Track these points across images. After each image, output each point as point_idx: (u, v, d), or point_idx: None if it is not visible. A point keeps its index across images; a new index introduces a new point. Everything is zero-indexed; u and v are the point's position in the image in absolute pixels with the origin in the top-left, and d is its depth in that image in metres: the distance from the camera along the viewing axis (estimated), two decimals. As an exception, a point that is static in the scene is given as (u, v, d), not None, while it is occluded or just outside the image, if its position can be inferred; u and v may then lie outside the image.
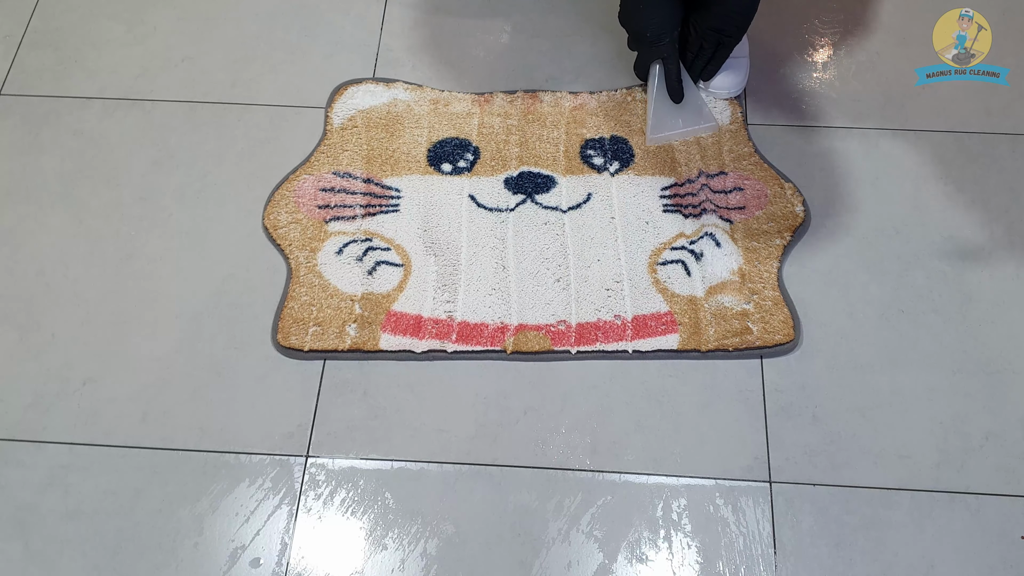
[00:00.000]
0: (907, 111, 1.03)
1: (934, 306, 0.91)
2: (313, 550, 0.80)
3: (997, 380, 0.86)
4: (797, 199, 0.97)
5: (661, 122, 0.99)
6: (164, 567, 0.79)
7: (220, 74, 1.09)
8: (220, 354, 0.89)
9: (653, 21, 0.94)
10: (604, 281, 0.92)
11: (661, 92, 0.99)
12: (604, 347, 0.88)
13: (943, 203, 0.97)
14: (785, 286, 0.92)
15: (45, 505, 0.82)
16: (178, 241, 0.96)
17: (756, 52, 1.06)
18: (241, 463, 0.84)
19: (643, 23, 0.95)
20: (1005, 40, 1.03)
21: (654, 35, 0.95)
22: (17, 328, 0.92)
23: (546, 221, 0.96)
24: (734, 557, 0.79)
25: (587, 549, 0.79)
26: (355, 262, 0.94)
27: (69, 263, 0.95)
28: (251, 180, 1.00)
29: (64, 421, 0.86)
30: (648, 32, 0.95)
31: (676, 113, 0.99)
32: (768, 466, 0.83)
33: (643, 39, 0.97)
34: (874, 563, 0.78)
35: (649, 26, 0.95)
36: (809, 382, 0.87)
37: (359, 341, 0.89)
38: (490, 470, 0.83)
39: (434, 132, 1.02)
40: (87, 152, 1.03)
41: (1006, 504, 0.81)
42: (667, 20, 0.94)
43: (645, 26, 0.95)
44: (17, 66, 1.10)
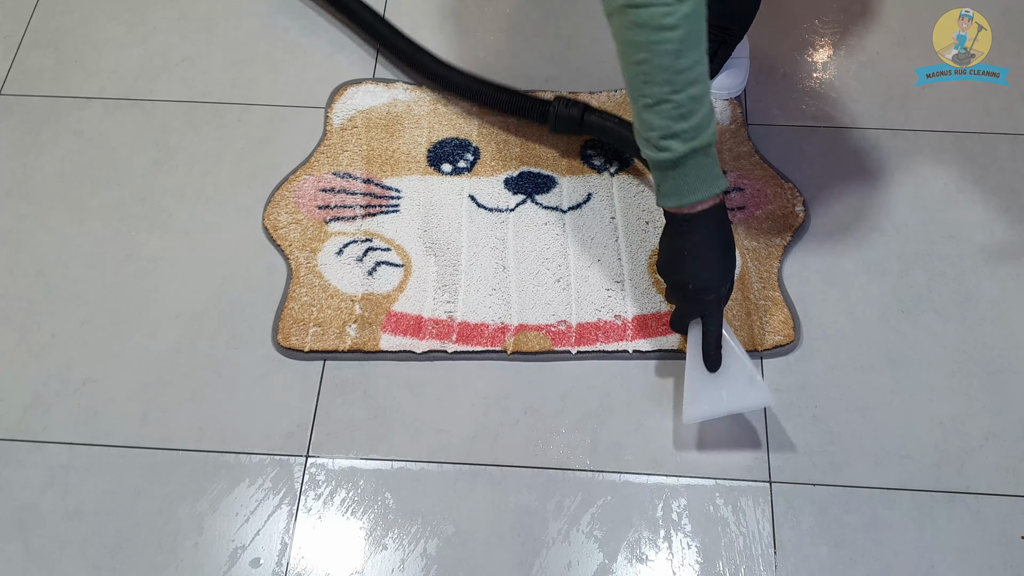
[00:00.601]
0: (907, 111, 1.03)
1: (934, 306, 0.91)
2: (313, 550, 0.80)
3: (997, 380, 0.86)
4: (797, 199, 0.97)
5: (699, 394, 0.80)
6: (164, 567, 0.79)
7: (220, 74, 1.09)
8: (220, 354, 0.89)
9: (700, 273, 0.77)
10: (604, 281, 0.92)
11: (698, 363, 0.81)
12: (604, 347, 0.88)
13: (943, 203, 0.97)
14: (785, 286, 0.92)
15: (45, 505, 0.82)
16: (178, 241, 0.96)
17: (756, 52, 1.06)
18: (241, 463, 0.84)
19: (686, 272, 0.78)
20: (1005, 40, 1.03)
21: (698, 288, 0.78)
22: (17, 328, 0.92)
23: (546, 221, 0.96)
24: (734, 557, 0.79)
25: (587, 549, 0.79)
26: (355, 262, 0.94)
27: (69, 263, 0.95)
28: (251, 180, 1.00)
29: (64, 421, 0.86)
30: (691, 284, 0.78)
31: (719, 384, 0.80)
32: (768, 466, 0.83)
33: (684, 292, 0.79)
34: (874, 563, 0.78)
35: (695, 278, 0.78)
36: (809, 382, 0.87)
37: (359, 341, 0.89)
38: (490, 470, 0.83)
39: (434, 132, 1.02)
40: (87, 152, 1.03)
41: (1006, 504, 0.81)
42: (717, 274, 0.78)
43: (688, 277, 0.78)
44: (17, 66, 1.10)
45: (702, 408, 0.80)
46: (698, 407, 0.80)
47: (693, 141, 0.72)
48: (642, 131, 0.74)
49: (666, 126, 0.71)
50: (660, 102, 0.71)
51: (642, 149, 0.75)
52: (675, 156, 0.72)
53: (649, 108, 0.72)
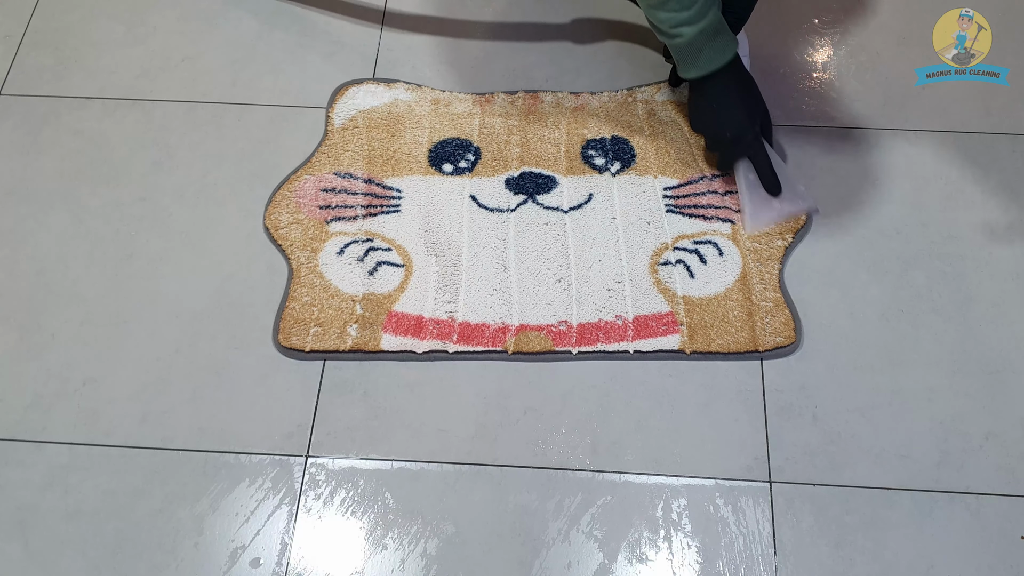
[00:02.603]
0: (907, 111, 1.03)
1: (934, 306, 0.91)
2: (313, 550, 0.80)
3: (997, 380, 0.87)
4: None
5: (758, 212, 0.93)
6: (164, 567, 0.79)
7: (220, 74, 1.09)
8: (220, 354, 0.89)
9: (731, 121, 0.90)
10: (605, 281, 0.92)
11: (753, 186, 0.93)
12: (605, 347, 0.88)
13: (943, 203, 0.97)
14: (786, 287, 0.92)
15: (45, 505, 0.82)
16: (178, 241, 0.96)
17: (756, 52, 1.06)
18: (241, 463, 0.84)
19: (720, 124, 0.91)
20: (1005, 40, 1.03)
21: (734, 134, 0.91)
22: (17, 328, 0.92)
23: (547, 221, 0.96)
24: (734, 557, 0.79)
25: (587, 549, 0.79)
26: (356, 262, 0.94)
27: (69, 263, 0.95)
28: (251, 180, 1.00)
29: (64, 421, 0.86)
30: (728, 133, 0.91)
31: (771, 199, 0.93)
32: (768, 466, 0.83)
33: (723, 140, 0.92)
34: (874, 563, 0.78)
35: (728, 126, 0.91)
36: (809, 382, 0.87)
37: (360, 341, 0.89)
38: (490, 470, 0.83)
39: (435, 132, 1.02)
40: (87, 152, 1.03)
41: (1006, 504, 0.81)
42: (746, 117, 0.90)
43: (722, 127, 0.91)
44: (17, 66, 1.10)
45: (761, 220, 0.94)
46: (758, 220, 0.93)
47: (699, 23, 0.85)
48: (654, 24, 0.87)
49: (672, 18, 0.85)
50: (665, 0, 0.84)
51: (658, 36, 0.89)
52: (687, 39, 0.86)
53: (655, 6, 0.85)
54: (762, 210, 0.93)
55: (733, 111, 0.90)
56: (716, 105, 0.90)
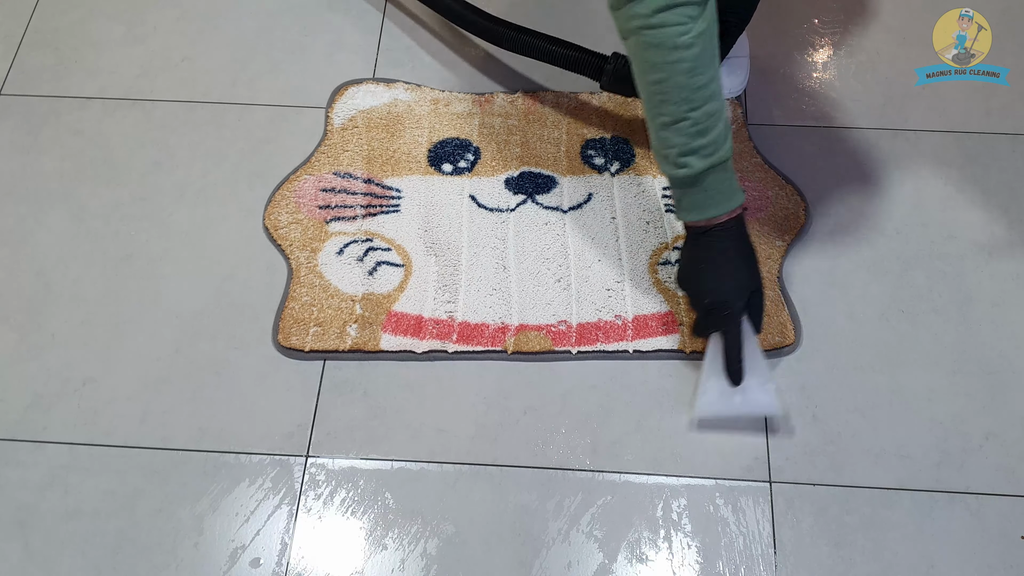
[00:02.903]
0: (907, 111, 1.03)
1: (934, 306, 0.91)
2: (313, 550, 0.80)
3: (997, 380, 0.87)
4: (798, 201, 0.97)
5: (713, 397, 0.81)
6: (164, 567, 0.79)
7: (220, 74, 1.09)
8: (220, 354, 0.89)
9: (717, 287, 0.78)
10: (605, 281, 0.92)
11: (716, 366, 0.81)
12: (605, 347, 0.88)
13: (943, 203, 0.97)
14: (786, 287, 0.92)
15: (45, 505, 0.82)
16: (178, 241, 0.96)
17: (756, 52, 1.06)
18: (241, 463, 0.84)
19: (704, 286, 0.79)
20: (1005, 40, 1.03)
21: (715, 302, 0.78)
22: (17, 328, 0.92)
23: (547, 221, 0.96)
24: (734, 557, 0.79)
25: (587, 549, 0.79)
26: (356, 262, 0.94)
27: (69, 263, 0.95)
28: (251, 180, 1.00)
29: (64, 421, 0.86)
30: (708, 299, 0.79)
31: (732, 391, 0.81)
32: (768, 466, 0.83)
33: (701, 305, 0.80)
34: (874, 563, 0.78)
35: (711, 291, 0.78)
36: (809, 382, 0.87)
37: (360, 341, 0.89)
38: (490, 470, 0.83)
39: (435, 132, 1.02)
40: (87, 152, 1.03)
41: (1006, 504, 0.81)
42: (734, 287, 0.78)
43: (705, 291, 0.79)
44: (17, 66, 1.10)
45: (713, 409, 0.82)
46: (709, 408, 0.82)
47: (711, 157, 0.73)
48: (660, 148, 0.75)
49: (684, 143, 0.72)
50: (678, 120, 0.72)
51: (661, 166, 0.76)
52: (694, 172, 0.73)
53: (667, 127, 0.73)
54: (717, 399, 0.81)
55: (722, 276, 0.78)
56: (705, 265, 0.79)
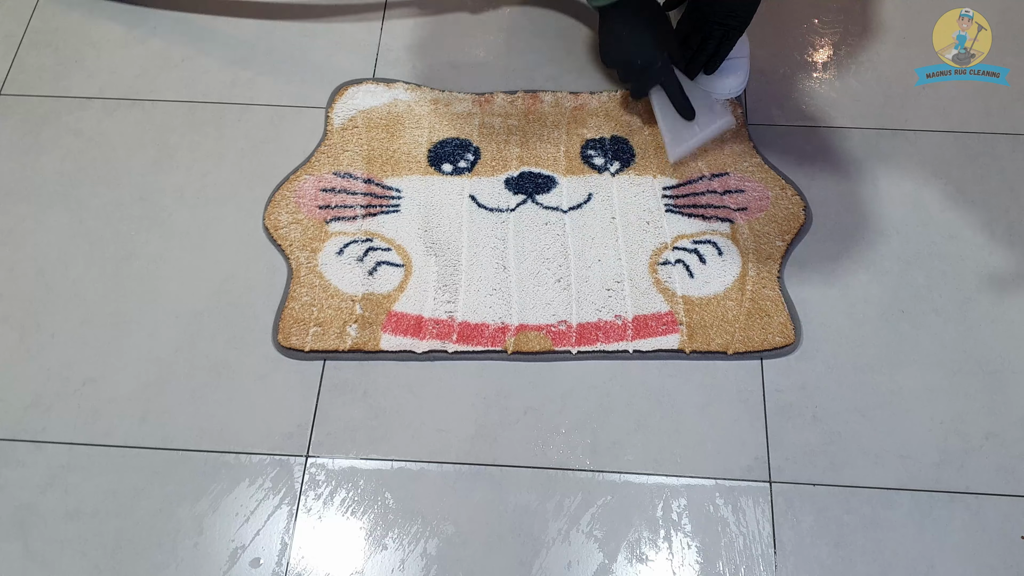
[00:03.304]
0: (907, 111, 1.03)
1: (934, 306, 0.91)
2: (313, 550, 0.80)
3: (997, 380, 0.87)
4: (798, 201, 0.97)
5: (678, 136, 0.95)
6: (164, 567, 0.79)
7: (220, 74, 1.09)
8: (220, 354, 0.89)
9: (641, 49, 0.91)
10: (605, 281, 0.92)
11: (667, 111, 0.95)
12: (605, 347, 0.88)
13: (943, 203, 0.97)
14: (786, 287, 0.92)
15: (45, 505, 0.82)
16: (178, 241, 0.96)
17: (756, 52, 1.06)
18: (241, 463, 0.84)
19: (630, 53, 0.91)
20: (1005, 40, 1.03)
21: (644, 62, 0.91)
22: (17, 328, 0.92)
23: (547, 221, 0.96)
24: (734, 557, 0.79)
25: (587, 549, 0.79)
26: (356, 262, 0.94)
27: (69, 263, 0.95)
28: (251, 180, 1.00)
29: (64, 421, 0.86)
30: (639, 60, 0.91)
31: (690, 124, 0.95)
32: (768, 466, 0.83)
33: (634, 69, 0.93)
34: (874, 563, 0.78)
35: (638, 54, 0.91)
36: (809, 382, 0.87)
37: (360, 341, 0.89)
38: (490, 470, 0.83)
39: (435, 132, 1.02)
40: (87, 152, 1.03)
41: (1006, 504, 0.81)
42: (655, 44, 0.91)
43: (633, 56, 0.91)
44: (17, 66, 1.10)
45: (683, 145, 0.95)
46: (680, 144, 0.95)
47: None
48: None
49: None
50: None
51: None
52: None
53: None
54: (682, 136, 0.94)
55: (643, 38, 0.90)
56: (626, 33, 0.91)
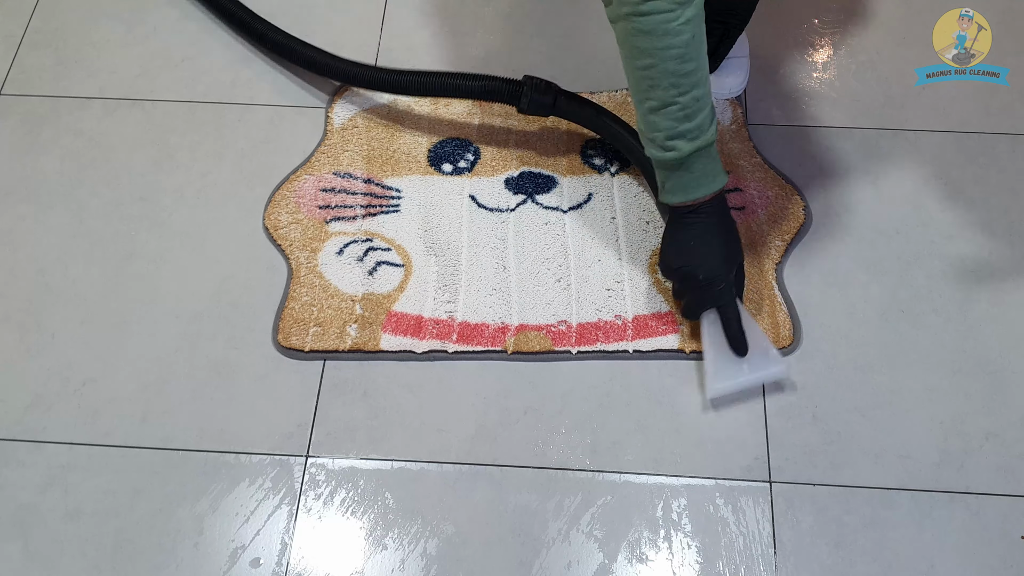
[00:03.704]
0: (907, 111, 1.03)
1: (934, 306, 0.91)
2: (313, 550, 0.80)
3: (997, 380, 0.87)
4: (798, 200, 0.97)
5: (723, 371, 0.83)
6: (164, 567, 0.79)
7: (220, 74, 1.09)
8: (220, 354, 0.89)
9: (708, 262, 0.80)
10: (605, 281, 0.92)
11: (717, 340, 0.83)
12: (605, 347, 0.88)
13: (943, 203, 0.97)
14: (786, 287, 0.92)
15: (45, 505, 0.82)
16: (178, 241, 0.96)
17: (756, 52, 1.06)
18: (241, 463, 0.84)
19: (696, 264, 0.80)
20: (1005, 40, 1.03)
21: (708, 278, 0.80)
22: (17, 328, 0.92)
23: (547, 221, 0.96)
24: (734, 557, 0.79)
25: (587, 549, 0.79)
26: (356, 262, 0.94)
27: (69, 263, 0.95)
28: (251, 180, 1.00)
29: (64, 421, 0.86)
30: (702, 274, 0.80)
31: (739, 362, 0.83)
32: (768, 466, 0.83)
33: (695, 283, 0.81)
34: (874, 563, 0.78)
35: (703, 267, 0.80)
36: (809, 382, 0.87)
37: (360, 341, 0.89)
38: (490, 470, 0.83)
39: (434, 132, 1.02)
40: (87, 152, 1.03)
41: (1006, 504, 0.81)
42: (723, 260, 0.81)
43: (698, 267, 0.80)
44: (17, 66, 1.10)
45: (726, 382, 0.84)
46: (722, 382, 0.83)
47: (697, 140, 0.75)
48: (647, 132, 0.77)
49: (672, 127, 0.75)
50: (666, 105, 0.74)
51: (647, 148, 0.79)
52: (681, 156, 0.76)
53: (655, 111, 0.75)
54: (727, 372, 0.83)
55: (712, 251, 0.80)
56: (695, 242, 0.80)
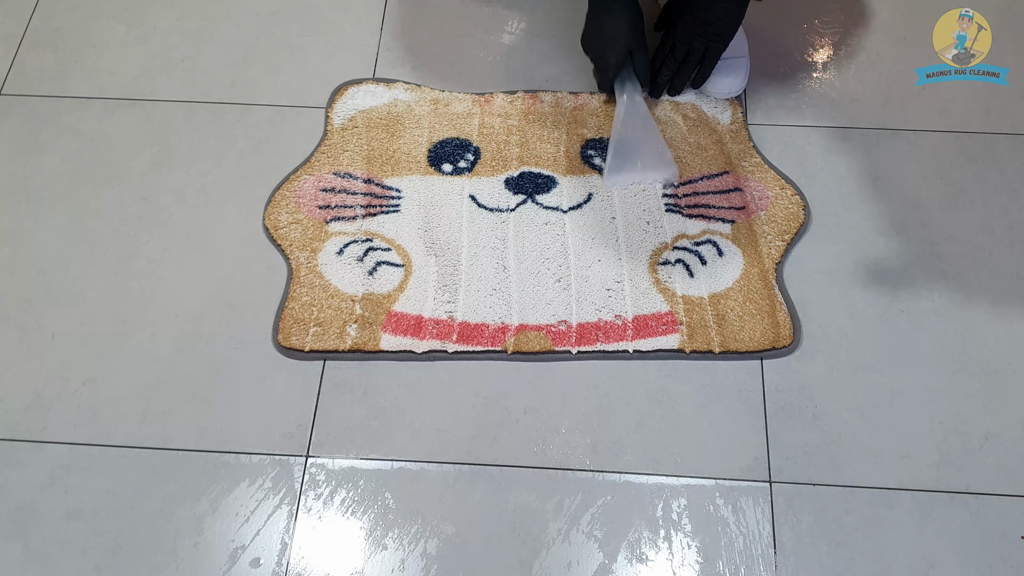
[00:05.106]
0: (907, 111, 1.03)
1: (934, 306, 0.91)
2: (313, 550, 0.80)
3: (997, 380, 0.87)
4: (798, 201, 0.97)
5: (620, 163, 0.97)
6: (164, 567, 0.79)
7: (220, 74, 1.09)
8: (220, 354, 0.89)
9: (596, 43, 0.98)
10: (605, 281, 0.92)
11: (625, 124, 0.97)
12: (605, 347, 0.88)
13: (943, 203, 0.97)
14: (786, 287, 0.92)
15: (45, 505, 0.82)
16: (178, 241, 0.96)
17: (756, 52, 1.06)
18: (241, 463, 0.84)
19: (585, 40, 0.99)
20: (1005, 40, 1.03)
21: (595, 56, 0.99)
22: (17, 328, 0.92)
23: (547, 221, 0.96)
24: (734, 557, 0.79)
25: (587, 549, 0.79)
26: (356, 262, 0.94)
27: (69, 263, 0.95)
28: (251, 180, 1.00)
29: (64, 421, 0.86)
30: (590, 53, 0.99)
31: (635, 154, 0.97)
32: (768, 466, 0.83)
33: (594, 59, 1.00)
34: (874, 563, 0.78)
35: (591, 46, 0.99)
36: (809, 382, 0.87)
37: (360, 341, 0.89)
38: (490, 470, 0.83)
39: (434, 132, 1.02)
40: (87, 152, 1.03)
41: (1006, 504, 0.81)
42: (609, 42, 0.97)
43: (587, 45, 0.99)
44: (17, 66, 1.10)
45: (621, 173, 0.97)
46: (618, 172, 0.97)
47: None
48: None
49: None
50: None
51: None
52: None
53: None
54: (624, 161, 0.96)
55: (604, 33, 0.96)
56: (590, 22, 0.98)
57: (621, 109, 0.98)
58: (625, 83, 0.98)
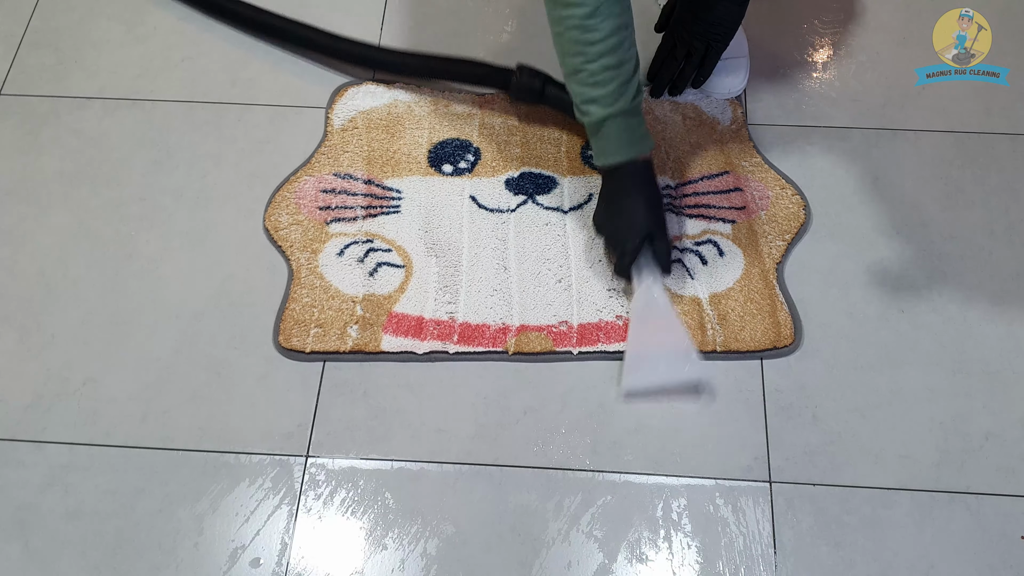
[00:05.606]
0: (907, 111, 1.03)
1: (934, 306, 0.91)
2: (313, 550, 0.80)
3: (997, 380, 0.87)
4: (798, 200, 0.97)
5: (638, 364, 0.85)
6: (164, 567, 0.79)
7: (220, 74, 1.09)
8: (220, 354, 0.89)
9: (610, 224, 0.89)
10: (606, 281, 0.92)
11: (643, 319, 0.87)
12: (606, 347, 0.88)
13: (943, 203, 0.97)
14: (786, 287, 0.92)
15: (45, 505, 0.82)
16: (178, 241, 0.96)
17: (756, 52, 1.06)
18: (241, 463, 0.84)
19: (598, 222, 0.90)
20: (1005, 40, 1.03)
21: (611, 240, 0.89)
22: (17, 328, 0.92)
23: (547, 222, 0.96)
24: (734, 557, 0.79)
25: (587, 549, 0.79)
26: (356, 263, 0.94)
27: (69, 263, 0.95)
28: (251, 180, 1.00)
29: (64, 421, 0.86)
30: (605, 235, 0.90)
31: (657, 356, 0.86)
32: (768, 466, 0.83)
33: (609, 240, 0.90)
34: (874, 563, 0.78)
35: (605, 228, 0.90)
36: (809, 382, 0.87)
37: (361, 342, 0.89)
38: (490, 470, 0.83)
39: (435, 133, 1.02)
40: (87, 152, 1.03)
41: (1006, 504, 0.81)
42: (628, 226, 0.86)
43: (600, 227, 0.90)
44: (17, 66, 1.10)
45: (640, 379, 0.85)
46: (636, 377, 0.85)
47: (610, 107, 0.82)
48: (572, 96, 0.86)
49: (583, 92, 0.83)
50: (576, 71, 0.82)
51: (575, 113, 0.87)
52: (594, 120, 0.84)
53: (568, 76, 0.84)
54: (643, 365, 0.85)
55: (622, 216, 0.86)
56: (606, 204, 0.89)
57: (639, 301, 0.87)
58: (643, 270, 0.87)
